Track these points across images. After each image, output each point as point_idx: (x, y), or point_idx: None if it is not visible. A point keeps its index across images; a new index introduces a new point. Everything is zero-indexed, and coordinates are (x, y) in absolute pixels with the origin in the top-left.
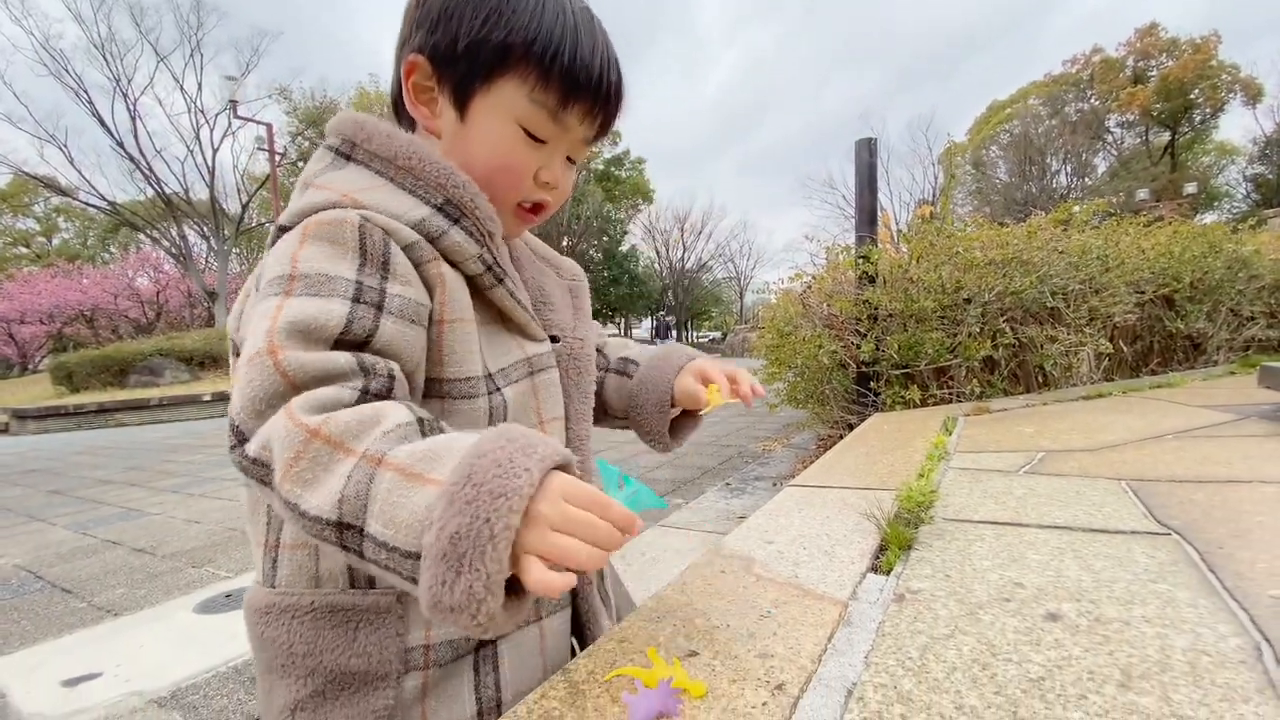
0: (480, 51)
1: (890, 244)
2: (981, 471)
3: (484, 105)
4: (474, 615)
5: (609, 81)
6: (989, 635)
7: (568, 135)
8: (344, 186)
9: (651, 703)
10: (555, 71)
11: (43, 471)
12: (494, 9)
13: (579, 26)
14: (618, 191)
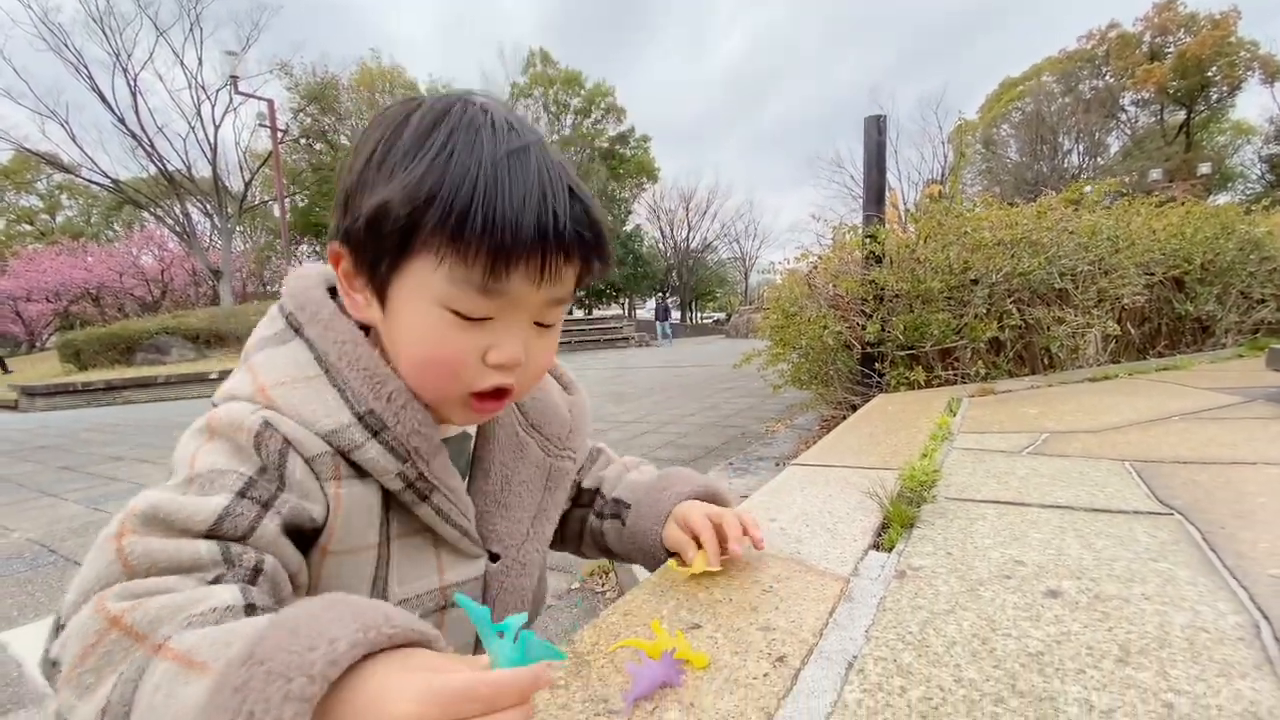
0: (382, 232)
1: (898, 224)
2: (985, 452)
3: (400, 292)
4: None
5: (554, 228)
6: (989, 611)
7: (521, 303)
8: (270, 375)
9: (655, 673)
10: (469, 240)
11: (53, 448)
12: (393, 169)
13: (497, 177)
14: (622, 170)
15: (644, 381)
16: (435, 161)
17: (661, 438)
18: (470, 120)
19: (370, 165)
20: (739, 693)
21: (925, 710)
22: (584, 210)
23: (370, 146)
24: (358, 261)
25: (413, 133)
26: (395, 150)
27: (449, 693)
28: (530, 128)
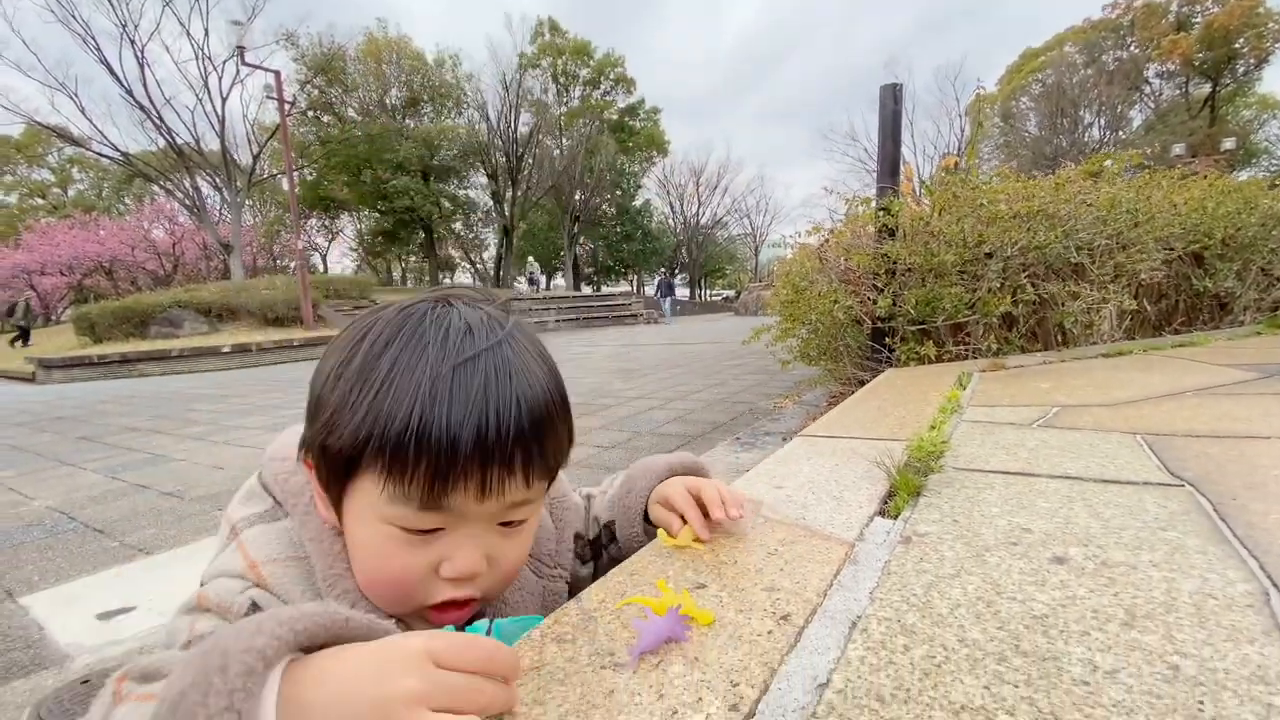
0: (330, 453)
1: (912, 197)
2: (994, 425)
3: (351, 509)
4: None
5: (495, 443)
6: (994, 576)
7: (472, 513)
8: (261, 553)
9: (660, 628)
10: (405, 466)
11: (71, 419)
12: (340, 401)
13: (435, 397)
14: (631, 143)
15: (651, 358)
16: (377, 396)
17: (668, 414)
18: (420, 336)
19: (327, 385)
20: (743, 648)
21: (928, 668)
22: (534, 416)
23: (330, 364)
24: (318, 475)
25: (361, 361)
26: (345, 378)
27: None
28: (496, 324)
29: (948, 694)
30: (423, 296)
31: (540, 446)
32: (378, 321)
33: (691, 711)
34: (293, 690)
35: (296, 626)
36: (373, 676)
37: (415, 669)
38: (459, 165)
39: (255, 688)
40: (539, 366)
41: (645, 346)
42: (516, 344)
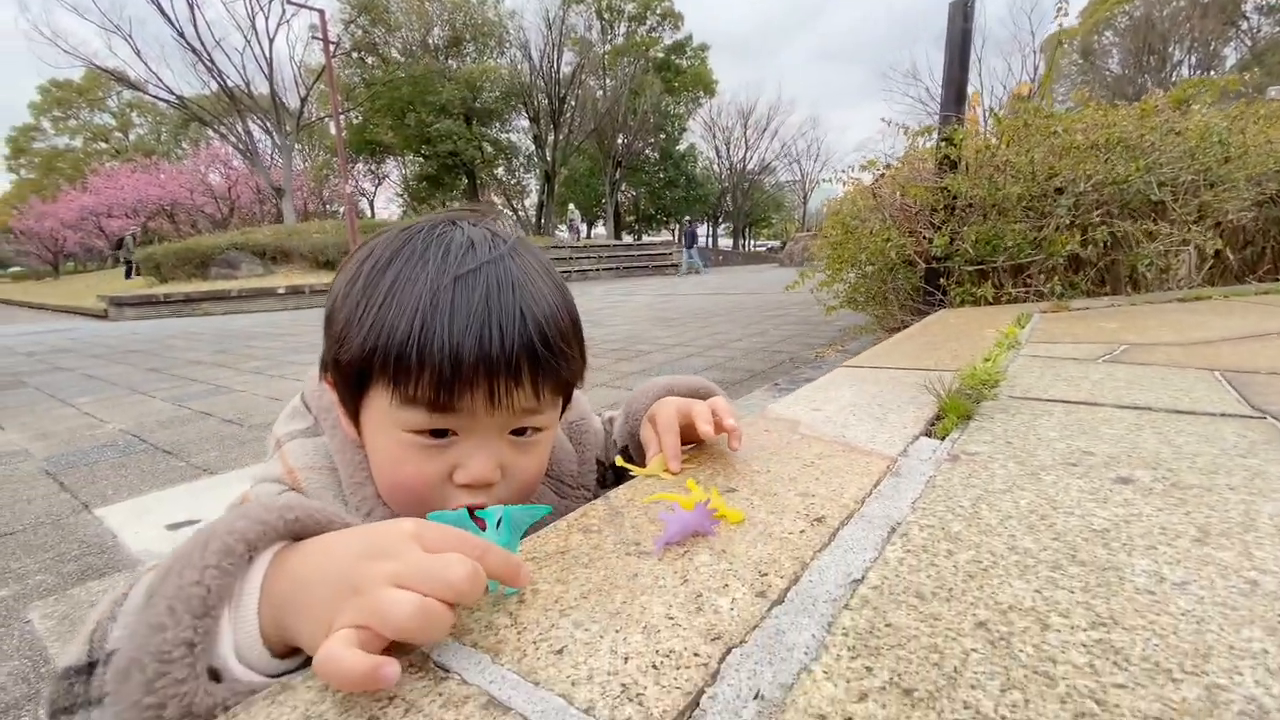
0: (342, 367)
1: (978, 126)
2: (1055, 359)
3: (367, 421)
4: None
5: (500, 353)
6: (1050, 493)
7: (484, 421)
8: (299, 461)
9: (688, 520)
10: (409, 377)
11: (141, 352)
12: (347, 317)
13: (437, 308)
14: (677, 83)
15: (690, 307)
16: (380, 309)
17: (705, 361)
18: (421, 253)
19: (336, 304)
20: (773, 544)
21: (974, 571)
22: (540, 328)
23: (339, 285)
24: (337, 391)
25: (365, 279)
26: (351, 296)
27: (449, 529)
28: (499, 240)
29: (995, 595)
30: (427, 217)
31: (550, 359)
32: (381, 242)
33: (717, 595)
34: (279, 568)
35: (287, 515)
36: (357, 552)
37: (397, 549)
38: (501, 107)
39: (232, 567)
40: (544, 281)
41: (684, 296)
42: (520, 259)
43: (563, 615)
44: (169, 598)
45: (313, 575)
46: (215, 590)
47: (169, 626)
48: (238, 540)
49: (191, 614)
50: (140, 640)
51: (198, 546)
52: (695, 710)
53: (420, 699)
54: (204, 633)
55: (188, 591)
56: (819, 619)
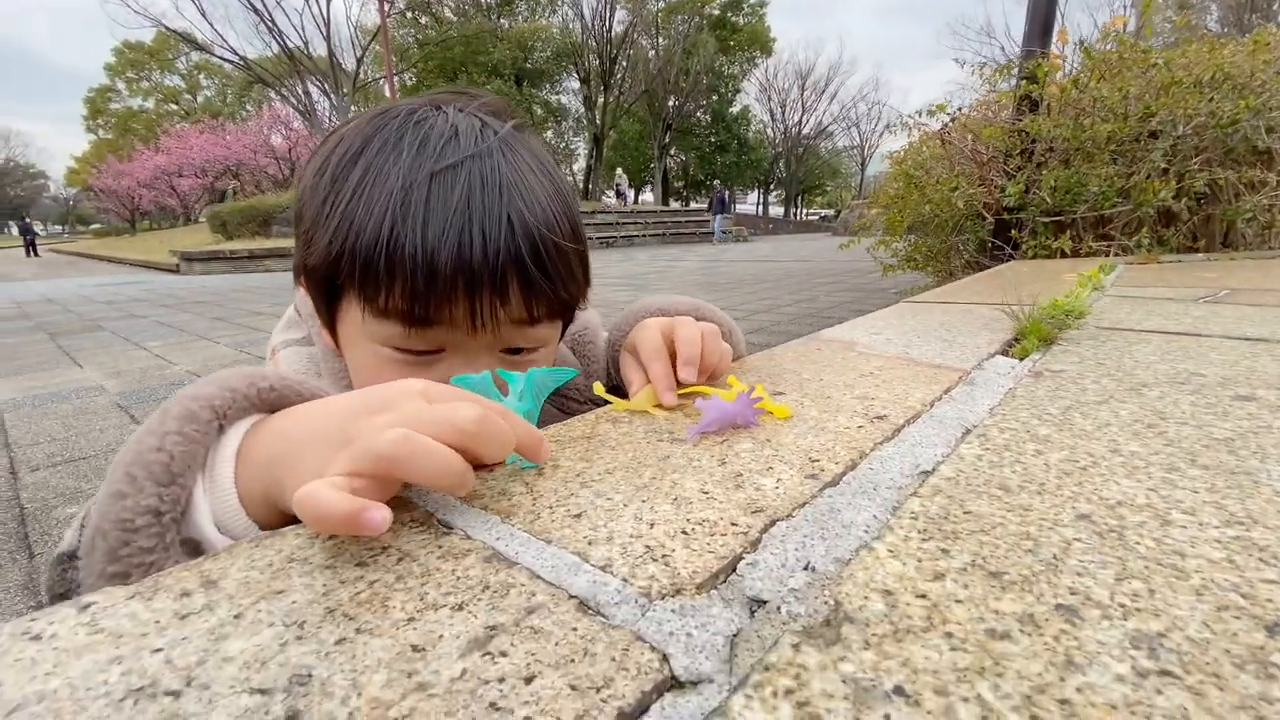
0: (313, 274)
1: (1062, 66)
2: (1147, 299)
3: (343, 333)
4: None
5: (481, 264)
6: (1157, 406)
7: (468, 339)
8: (291, 367)
9: (727, 409)
10: (380, 288)
11: (208, 303)
12: (314, 215)
13: (409, 209)
14: (733, 42)
15: (738, 274)
16: (348, 206)
17: (751, 325)
18: (395, 141)
19: (304, 200)
20: (826, 437)
21: (1070, 469)
22: (530, 237)
23: (307, 179)
24: (311, 298)
25: (333, 171)
26: (319, 190)
27: (463, 392)
28: (490, 131)
29: (1098, 491)
30: (408, 100)
31: (542, 273)
32: (352, 127)
33: (759, 476)
34: (262, 432)
35: (260, 384)
36: (358, 408)
37: (400, 402)
38: (551, 68)
39: (196, 433)
40: (539, 181)
41: (732, 263)
42: (513, 153)
43: (584, 486)
44: (128, 464)
45: (306, 435)
46: (179, 457)
47: (129, 494)
48: (202, 406)
49: (154, 480)
50: (102, 509)
51: (159, 414)
52: (731, 575)
53: (417, 550)
54: (171, 501)
55: (147, 458)
56: (881, 503)
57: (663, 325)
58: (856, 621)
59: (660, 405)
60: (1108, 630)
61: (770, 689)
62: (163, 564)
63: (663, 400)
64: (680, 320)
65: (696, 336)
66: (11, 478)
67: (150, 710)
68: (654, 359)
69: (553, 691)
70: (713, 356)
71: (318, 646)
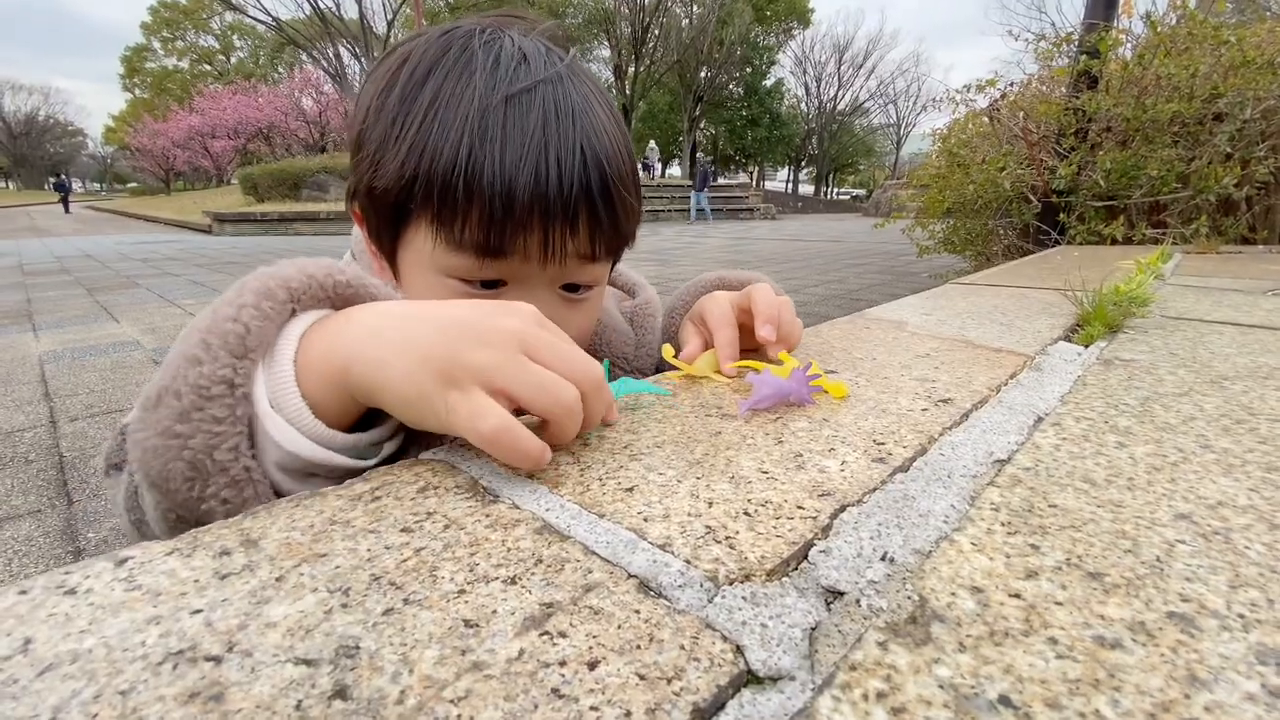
0: (377, 200)
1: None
2: (1211, 290)
3: (406, 262)
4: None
5: (555, 194)
6: (1243, 400)
7: (535, 272)
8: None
9: (782, 385)
10: (455, 214)
11: (239, 264)
12: (382, 136)
13: (486, 134)
14: (769, 12)
15: (765, 252)
16: (421, 128)
17: None
18: (466, 62)
19: (366, 125)
20: (889, 418)
21: (1159, 464)
22: (601, 168)
23: (368, 96)
24: (369, 229)
25: (401, 90)
26: (386, 111)
27: (558, 337)
28: (555, 56)
29: (1195, 489)
30: (469, 20)
31: (608, 207)
32: (418, 45)
33: (821, 457)
34: (338, 321)
35: (337, 275)
36: (462, 330)
37: (531, 320)
38: (582, 34)
39: (271, 310)
40: (605, 112)
41: (759, 241)
42: (580, 81)
43: (633, 459)
44: (204, 331)
45: (399, 343)
46: (255, 331)
47: (204, 361)
48: (279, 285)
49: (229, 351)
50: (174, 371)
51: (237, 287)
52: (803, 563)
53: (463, 517)
54: (244, 374)
55: (223, 327)
56: (958, 491)
57: (733, 296)
58: (947, 620)
59: (720, 371)
60: (1229, 643)
61: (860, 691)
62: (225, 441)
63: (723, 367)
64: (758, 287)
65: (775, 300)
66: (51, 427)
67: (190, 675)
68: (722, 325)
69: (619, 680)
70: (789, 326)
71: (364, 616)
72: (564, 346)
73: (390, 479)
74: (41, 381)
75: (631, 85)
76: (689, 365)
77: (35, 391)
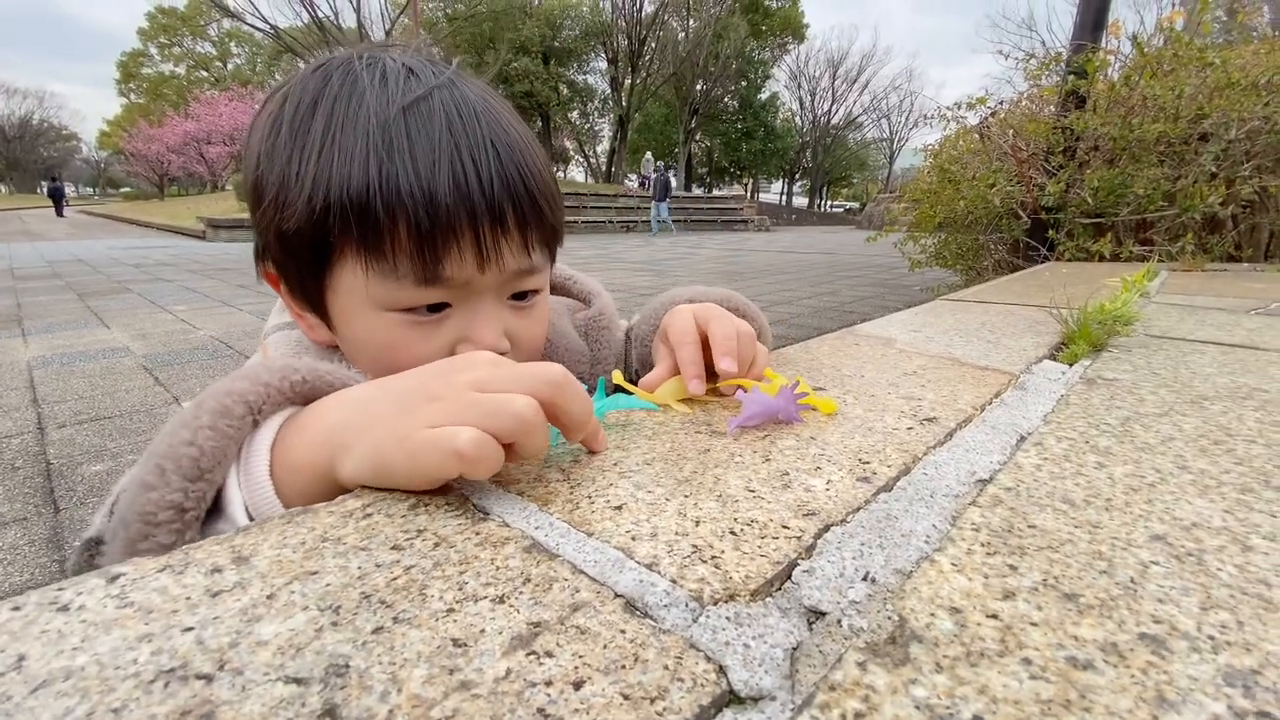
0: (291, 245)
1: (1112, 62)
2: (1196, 308)
3: (338, 308)
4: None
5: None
6: (1221, 420)
7: (477, 285)
8: (279, 350)
9: (770, 403)
10: (381, 234)
11: (232, 270)
12: (280, 176)
13: (393, 143)
14: (765, 26)
15: (759, 263)
16: (321, 156)
17: (770, 316)
18: (353, 84)
19: (261, 171)
20: (875, 437)
21: (1137, 485)
22: (516, 162)
23: (256, 144)
24: (288, 283)
25: (290, 126)
26: (278, 150)
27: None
28: (439, 68)
29: (1171, 510)
30: (342, 52)
31: (532, 200)
32: (295, 83)
33: (808, 475)
34: (301, 421)
35: (291, 376)
36: (412, 392)
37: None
38: (580, 47)
39: (230, 428)
40: (503, 108)
41: (753, 252)
42: (472, 84)
43: (622, 477)
44: (159, 456)
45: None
46: (209, 452)
47: (156, 486)
48: (236, 401)
49: (182, 475)
50: (129, 498)
51: (193, 407)
52: (787, 583)
53: (453, 535)
54: (196, 498)
55: (178, 451)
56: (940, 511)
57: (696, 311)
58: (925, 640)
59: (684, 400)
60: (1198, 665)
61: (838, 711)
62: None
63: (689, 387)
64: (715, 313)
65: (732, 332)
66: (39, 434)
67: (181, 694)
68: (684, 343)
69: (604, 700)
70: (748, 354)
71: (354, 635)
72: (514, 369)
73: (382, 495)
74: (30, 387)
75: (628, 97)
76: (649, 394)
77: (23, 397)
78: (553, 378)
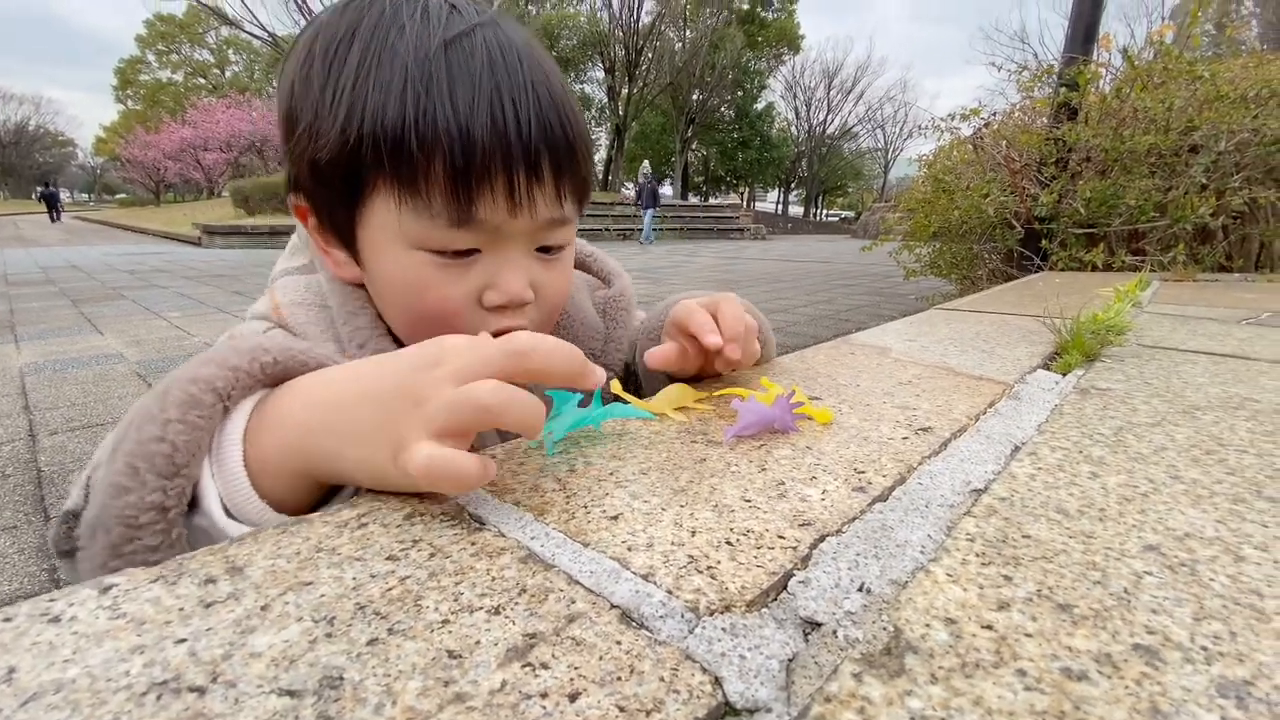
0: (324, 176)
1: (1104, 74)
2: (1188, 318)
3: (368, 243)
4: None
5: (516, 135)
6: (1213, 431)
7: (505, 230)
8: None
9: (765, 412)
10: (414, 168)
11: (228, 276)
12: (314, 106)
13: (432, 79)
14: (761, 37)
15: (755, 272)
16: (356, 87)
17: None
18: (394, 15)
19: (294, 101)
20: (870, 447)
21: (1130, 495)
22: (556, 107)
23: (289, 78)
24: (318, 215)
25: (324, 57)
26: (313, 80)
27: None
28: (480, 7)
29: (1164, 521)
30: None
31: (569, 148)
32: (330, 16)
33: (803, 485)
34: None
35: (262, 358)
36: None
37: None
38: (577, 57)
39: (200, 420)
40: (544, 54)
41: (749, 261)
42: (515, 25)
43: (618, 486)
44: (129, 455)
45: (354, 398)
46: (183, 447)
47: (132, 489)
48: (204, 390)
49: (157, 474)
50: (104, 500)
51: (157, 398)
52: (782, 593)
53: (449, 545)
54: (176, 495)
55: (149, 449)
56: (935, 521)
57: (703, 299)
58: (920, 652)
59: (681, 409)
60: (1191, 675)
61: None
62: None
63: (705, 341)
64: (727, 302)
65: (741, 313)
66: (30, 441)
67: (173, 707)
68: (695, 312)
69: (599, 712)
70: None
71: (348, 646)
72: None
73: (377, 505)
74: (21, 393)
75: (625, 106)
76: (647, 403)
77: (15, 404)
78: (517, 347)
